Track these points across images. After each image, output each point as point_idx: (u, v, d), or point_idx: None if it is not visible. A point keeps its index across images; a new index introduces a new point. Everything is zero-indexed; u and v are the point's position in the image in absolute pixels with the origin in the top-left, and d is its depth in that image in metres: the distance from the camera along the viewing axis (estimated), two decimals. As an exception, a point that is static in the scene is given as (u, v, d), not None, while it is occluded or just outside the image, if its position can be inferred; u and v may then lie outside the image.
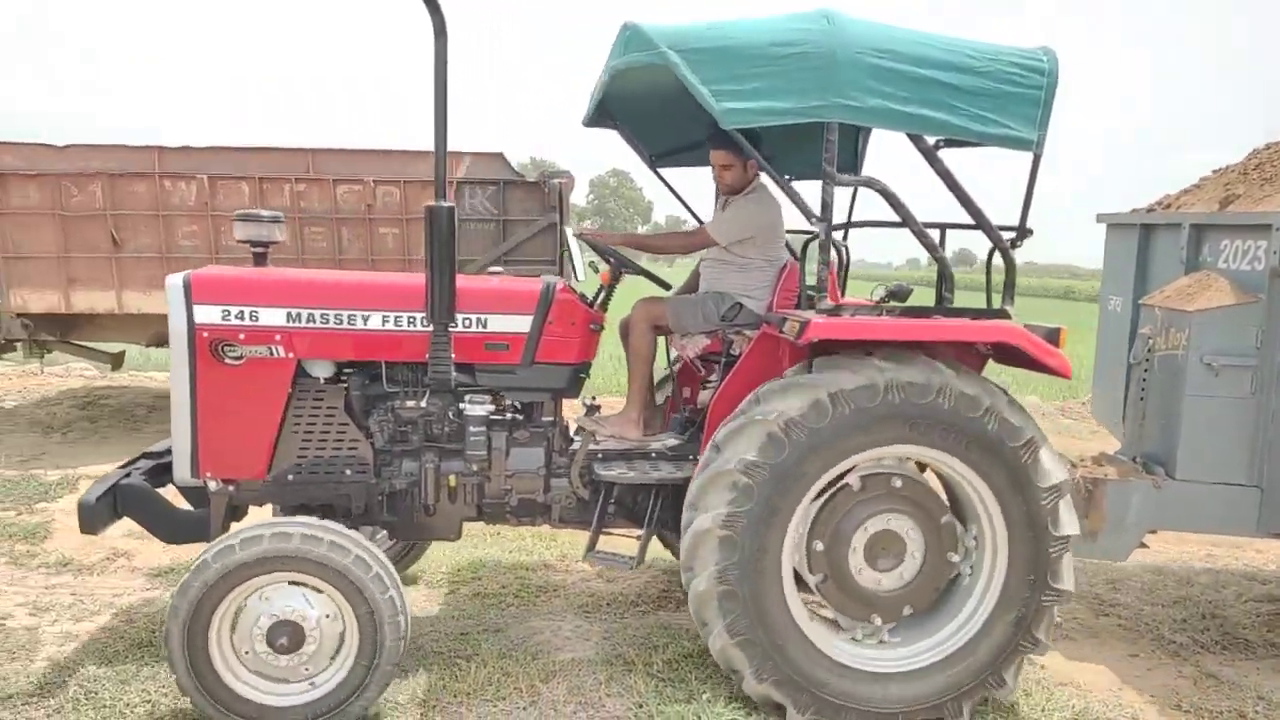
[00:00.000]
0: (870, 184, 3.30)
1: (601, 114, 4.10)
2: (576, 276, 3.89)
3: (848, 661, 3.34)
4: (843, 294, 4.49)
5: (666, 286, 4.20)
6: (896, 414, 3.15)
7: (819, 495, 3.30)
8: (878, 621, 3.39)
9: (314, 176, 7.60)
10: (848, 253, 4.19)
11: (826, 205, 3.21)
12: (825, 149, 3.15)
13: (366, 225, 7.63)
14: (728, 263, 4.00)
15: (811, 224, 3.27)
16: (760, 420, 3.14)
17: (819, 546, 3.32)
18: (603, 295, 3.89)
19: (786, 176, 4.58)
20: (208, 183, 7.51)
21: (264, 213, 3.63)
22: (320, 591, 3.13)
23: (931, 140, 3.29)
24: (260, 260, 3.69)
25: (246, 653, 3.11)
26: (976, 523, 3.39)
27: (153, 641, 3.81)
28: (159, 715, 3.28)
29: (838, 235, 4.44)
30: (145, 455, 3.78)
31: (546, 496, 3.68)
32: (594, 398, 4.37)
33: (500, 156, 7.74)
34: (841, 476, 3.30)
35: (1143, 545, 4.31)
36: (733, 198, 4.01)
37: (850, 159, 4.41)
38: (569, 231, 4.07)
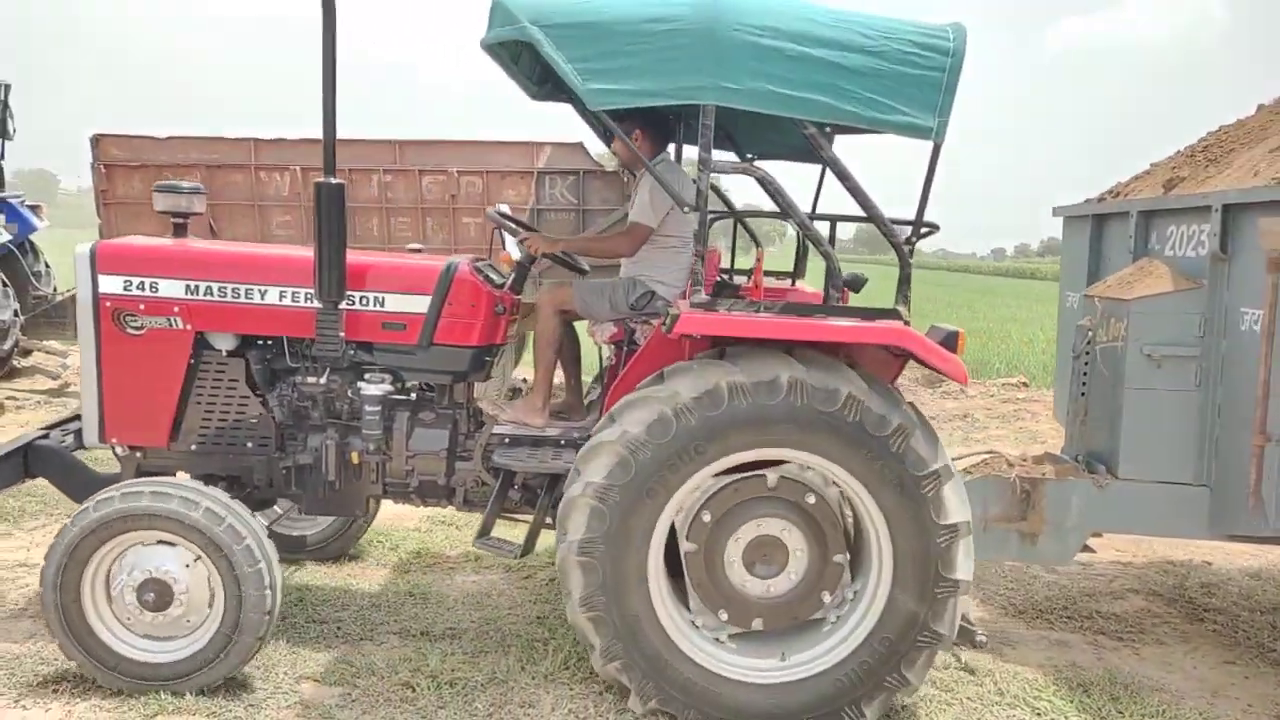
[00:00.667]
0: (749, 172, 3.12)
1: (553, 89, 3.91)
2: (512, 256, 3.81)
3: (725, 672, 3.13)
4: (793, 283, 4.35)
5: (583, 272, 4.05)
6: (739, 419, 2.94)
7: (732, 471, 3.09)
8: (723, 617, 3.16)
9: (400, 168, 7.68)
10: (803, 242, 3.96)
11: (701, 193, 3.02)
12: (701, 133, 2.95)
13: (450, 215, 7.69)
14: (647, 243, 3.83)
15: (684, 211, 3.11)
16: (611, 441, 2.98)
17: (706, 518, 3.11)
18: (513, 277, 3.74)
19: (749, 157, 4.43)
20: (300, 173, 7.62)
21: (183, 184, 3.68)
22: (195, 556, 3.12)
23: (822, 126, 3.08)
24: (180, 231, 3.72)
25: (118, 610, 3.15)
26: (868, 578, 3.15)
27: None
28: (244, 683, 3.32)
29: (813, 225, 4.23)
30: (77, 416, 3.79)
31: (451, 479, 3.62)
32: (524, 380, 4.26)
33: (580, 146, 7.70)
34: (759, 465, 3.08)
35: (1088, 549, 4.07)
36: (639, 178, 3.86)
37: (806, 145, 4.23)
38: (504, 209, 3.96)
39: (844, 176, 3.06)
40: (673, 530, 3.14)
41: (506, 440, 3.59)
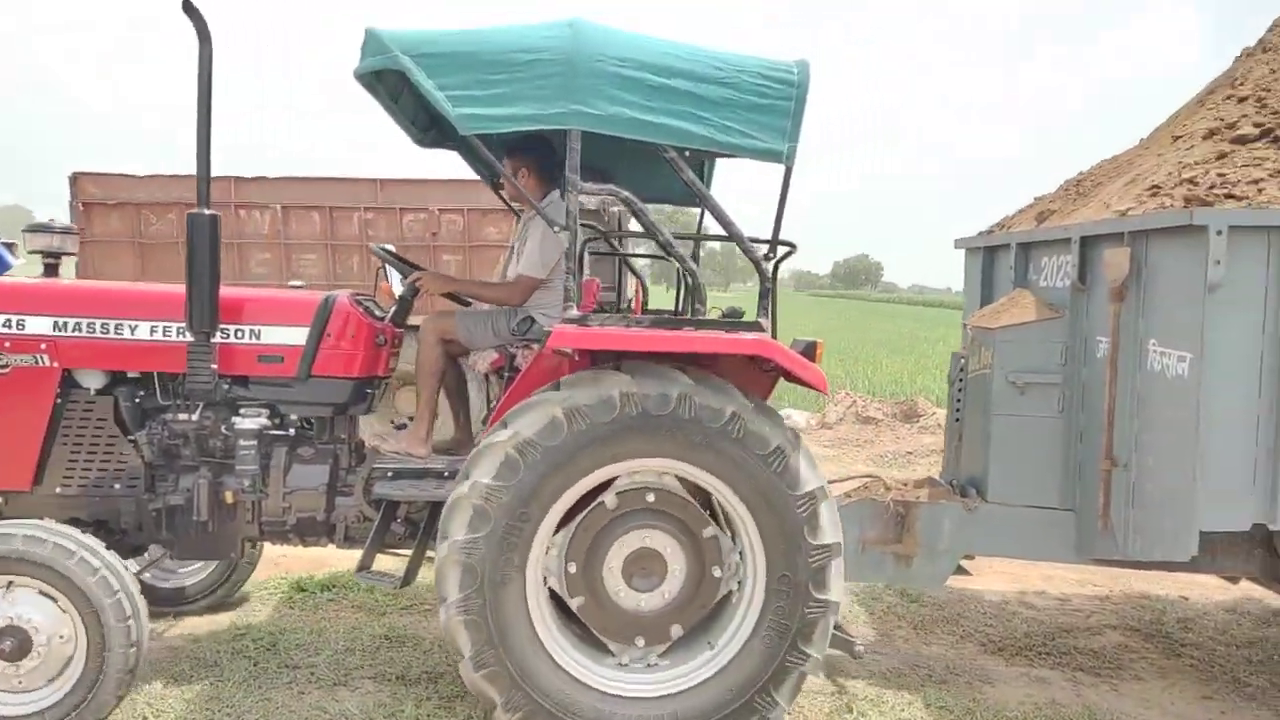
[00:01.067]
0: (615, 194, 3.21)
1: (439, 135, 4.00)
2: (394, 289, 3.85)
3: (603, 688, 3.13)
4: (676, 313, 4.41)
5: (466, 303, 4.10)
6: (629, 427, 2.98)
7: (572, 516, 3.14)
8: (641, 644, 3.19)
9: (382, 206, 7.72)
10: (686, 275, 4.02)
11: (570, 213, 3.11)
12: (568, 157, 3.04)
13: (431, 252, 7.70)
14: None
15: (555, 231, 3.19)
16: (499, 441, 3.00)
17: (572, 569, 3.15)
18: (394, 310, 3.78)
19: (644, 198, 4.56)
20: (281, 212, 7.64)
21: (56, 224, 3.65)
22: (50, 597, 3.04)
23: (682, 151, 3.19)
24: (51, 271, 3.69)
25: None
26: (741, 535, 3.19)
27: (218, 661, 3.80)
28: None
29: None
30: None
31: (331, 515, 3.57)
32: (410, 418, 4.26)
33: None
34: (597, 494, 3.14)
35: (964, 573, 4.15)
36: (528, 224, 3.93)
37: (687, 190, 4.34)
38: (390, 248, 4.02)
39: (704, 198, 3.19)
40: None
41: (390, 473, 3.58)
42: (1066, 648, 4.38)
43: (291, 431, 3.59)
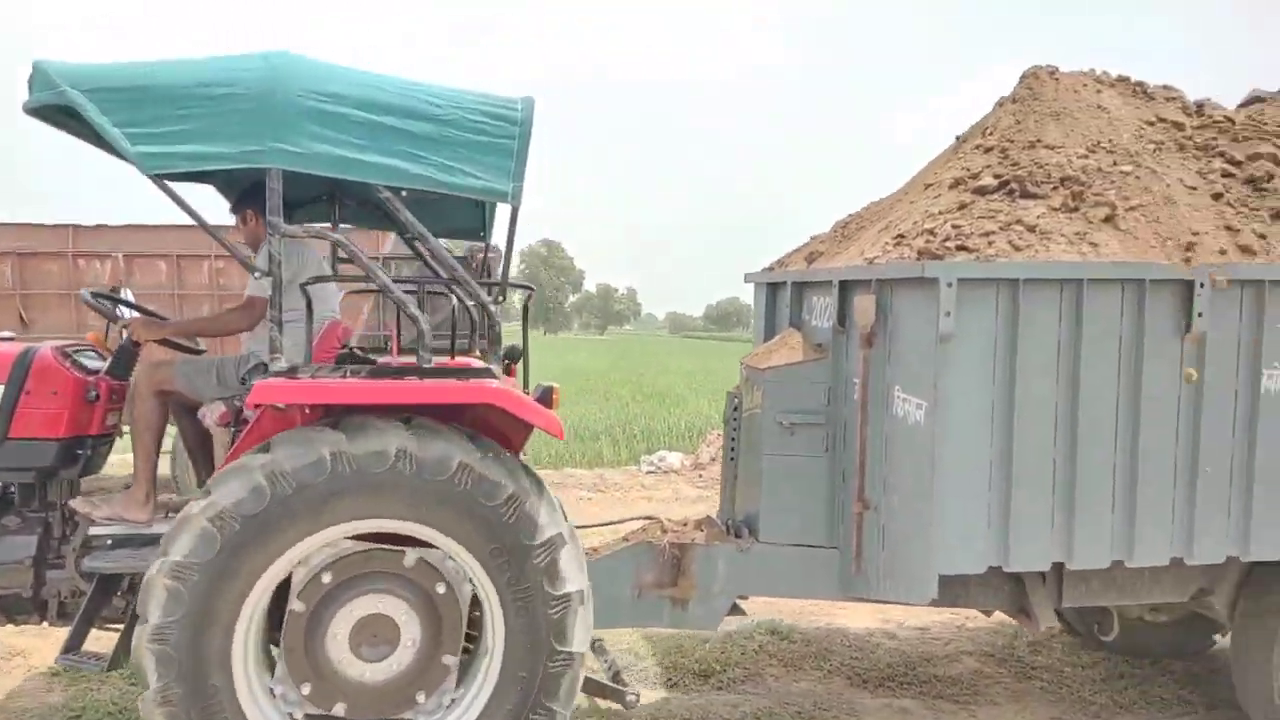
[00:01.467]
0: (323, 236, 2.95)
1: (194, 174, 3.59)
2: (122, 338, 3.42)
3: None
4: (452, 356, 4.12)
5: (199, 353, 3.68)
6: (345, 486, 2.71)
7: (272, 642, 2.84)
8: (423, 699, 2.89)
9: None
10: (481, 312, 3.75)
11: (273, 257, 2.81)
12: (269, 197, 2.75)
13: None
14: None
15: (254, 276, 2.88)
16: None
17: (307, 689, 2.81)
18: (111, 362, 3.38)
19: (408, 236, 4.25)
20: (123, 261, 7.12)
21: None
22: None
23: (397, 190, 2.92)
24: None
25: None
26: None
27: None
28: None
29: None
30: None
31: (41, 591, 3.14)
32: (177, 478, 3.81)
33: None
34: (281, 610, 2.81)
35: (740, 612, 4.02)
36: (258, 256, 3.57)
37: (478, 223, 4.06)
38: (126, 293, 3.57)
39: (423, 238, 2.94)
40: None
41: (108, 542, 3.18)
42: (927, 676, 4.43)
43: None
